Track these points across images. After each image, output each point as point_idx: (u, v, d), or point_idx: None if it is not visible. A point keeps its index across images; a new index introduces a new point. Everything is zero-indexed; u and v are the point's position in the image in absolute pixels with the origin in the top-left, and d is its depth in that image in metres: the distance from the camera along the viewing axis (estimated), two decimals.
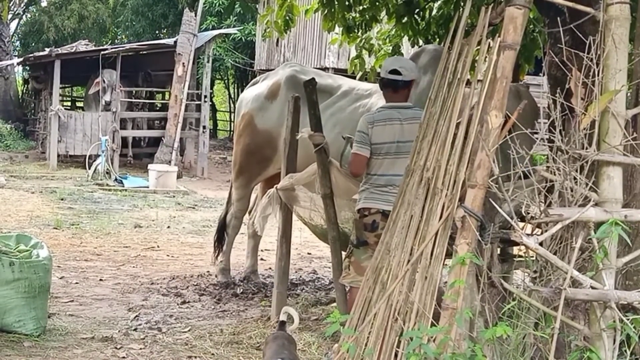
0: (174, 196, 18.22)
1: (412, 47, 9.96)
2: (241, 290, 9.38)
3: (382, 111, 6.60)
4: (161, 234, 13.33)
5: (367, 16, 9.64)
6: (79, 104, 29.23)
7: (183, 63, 22.57)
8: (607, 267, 4.32)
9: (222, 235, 10.01)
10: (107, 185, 19.12)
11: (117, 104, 22.49)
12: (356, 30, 9.86)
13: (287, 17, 9.64)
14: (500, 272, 4.77)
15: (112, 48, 24.26)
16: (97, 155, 20.63)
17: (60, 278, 9.47)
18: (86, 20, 35.65)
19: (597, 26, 4.54)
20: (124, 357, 6.83)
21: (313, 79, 7.66)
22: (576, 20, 4.81)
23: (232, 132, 30.83)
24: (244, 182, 9.69)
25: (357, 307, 5.31)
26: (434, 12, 9.66)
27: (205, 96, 24.14)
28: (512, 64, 4.67)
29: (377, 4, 9.43)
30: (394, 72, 6.55)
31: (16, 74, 34.61)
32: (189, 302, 8.84)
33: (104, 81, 22.22)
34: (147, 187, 19.12)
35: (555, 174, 4.50)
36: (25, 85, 33.05)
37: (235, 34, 29.18)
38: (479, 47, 5.35)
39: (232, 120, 34.62)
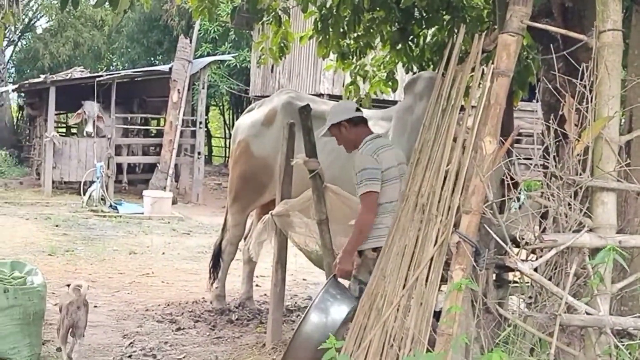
0: (168, 222, 18.19)
1: (407, 73, 10.01)
2: (236, 316, 9.36)
3: (373, 141, 6.48)
4: (156, 260, 13.30)
5: (361, 43, 9.70)
6: (74, 131, 29.23)
7: (178, 89, 22.60)
8: (602, 293, 4.33)
9: (218, 262, 9.99)
10: (102, 211, 19.08)
11: (112, 130, 22.52)
12: (351, 57, 9.91)
13: (282, 44, 9.70)
14: (496, 297, 4.77)
15: (107, 75, 24.32)
16: (92, 182, 20.55)
17: (55, 304, 9.40)
18: (81, 47, 35.74)
19: (590, 53, 4.57)
20: None
21: (308, 105, 7.69)
22: (569, 47, 4.85)
23: (227, 158, 30.86)
24: (239, 209, 9.69)
25: (353, 333, 5.30)
26: (428, 39, 9.72)
27: (201, 122, 24.15)
28: (506, 91, 4.69)
29: (372, 30, 9.49)
30: (357, 110, 6.68)
31: (11, 100, 34.66)
32: (183, 328, 8.82)
33: (84, 113, 22.26)
34: (142, 213, 19.08)
35: (549, 200, 4.51)
36: (20, 112, 33.09)
37: (230, 60, 29.24)
38: (472, 73, 5.38)
39: (227, 146, 34.66)
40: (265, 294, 10.26)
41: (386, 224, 5.94)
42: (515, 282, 5.39)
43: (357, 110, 6.70)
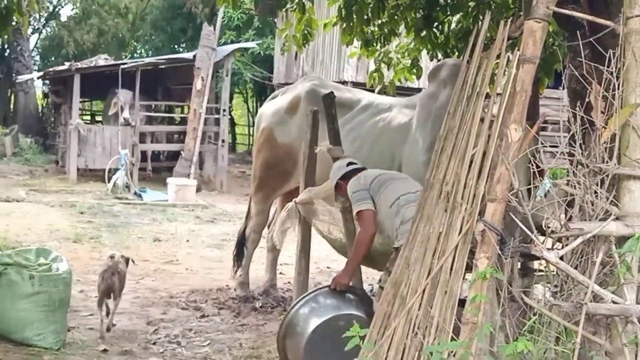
0: (193, 210, 18.24)
1: (431, 60, 9.97)
2: (260, 304, 9.39)
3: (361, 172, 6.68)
4: (180, 247, 13.35)
5: (385, 30, 9.67)
6: (98, 118, 29.38)
7: (202, 77, 22.64)
8: (628, 282, 4.29)
9: (241, 249, 10.01)
10: (127, 199, 19.17)
11: (136, 118, 22.59)
12: (375, 44, 9.88)
13: (306, 31, 9.68)
14: (521, 286, 4.75)
15: (131, 62, 24.40)
16: (117, 169, 20.66)
17: (80, 291, 9.49)
18: (105, 35, 35.90)
19: (617, 39, 4.52)
20: None
21: (331, 92, 7.68)
22: (596, 34, 4.80)
23: (250, 146, 30.88)
24: (263, 196, 9.70)
25: (377, 321, 5.29)
26: (452, 26, 9.67)
27: (224, 110, 24.18)
28: (532, 78, 4.65)
29: (396, 17, 9.45)
30: (350, 164, 6.78)
31: (36, 88, 34.81)
32: (208, 316, 8.85)
33: (120, 100, 22.30)
34: (166, 200, 19.16)
35: (575, 188, 4.48)
36: (45, 100, 33.21)
37: (254, 47, 29.25)
38: (498, 60, 5.34)
39: (251, 133, 34.69)
40: (289, 282, 10.29)
41: (410, 215, 5.91)
42: (540, 270, 5.36)
43: (350, 164, 6.78)
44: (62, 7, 39.09)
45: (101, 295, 7.89)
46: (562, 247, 4.41)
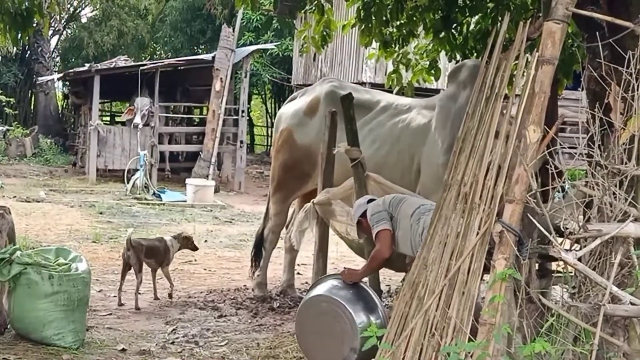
0: (211, 210, 18.28)
1: (450, 61, 9.96)
2: (278, 304, 9.39)
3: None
4: (198, 247, 13.36)
5: (404, 31, 9.66)
6: (118, 119, 29.48)
7: (221, 78, 22.67)
8: None
9: (259, 250, 10.02)
10: (145, 199, 19.23)
11: (155, 119, 22.66)
12: (393, 45, 9.87)
13: (325, 33, 9.68)
14: (539, 287, 4.74)
15: (150, 63, 24.48)
16: (136, 170, 20.74)
17: (99, 291, 9.53)
18: (125, 36, 36.00)
19: (636, 41, 4.51)
20: None
21: (350, 93, 7.69)
22: (615, 35, 4.79)
23: (269, 147, 30.94)
24: (281, 197, 9.71)
25: (394, 321, 5.29)
26: (471, 27, 9.65)
27: (243, 111, 24.21)
28: (551, 79, 4.65)
29: (414, 19, 9.44)
30: (370, 200, 6.75)
31: (56, 89, 35.00)
32: (225, 315, 8.86)
33: (135, 107, 22.39)
34: (185, 201, 19.20)
35: (594, 189, 4.47)
36: (65, 101, 33.39)
37: (272, 49, 29.30)
38: (517, 61, 5.34)
39: (269, 135, 34.73)
40: (306, 282, 10.29)
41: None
42: (558, 271, 5.35)
43: (370, 201, 6.75)
44: (83, 8, 39.29)
45: (122, 269, 9.18)
46: (580, 249, 4.41)
